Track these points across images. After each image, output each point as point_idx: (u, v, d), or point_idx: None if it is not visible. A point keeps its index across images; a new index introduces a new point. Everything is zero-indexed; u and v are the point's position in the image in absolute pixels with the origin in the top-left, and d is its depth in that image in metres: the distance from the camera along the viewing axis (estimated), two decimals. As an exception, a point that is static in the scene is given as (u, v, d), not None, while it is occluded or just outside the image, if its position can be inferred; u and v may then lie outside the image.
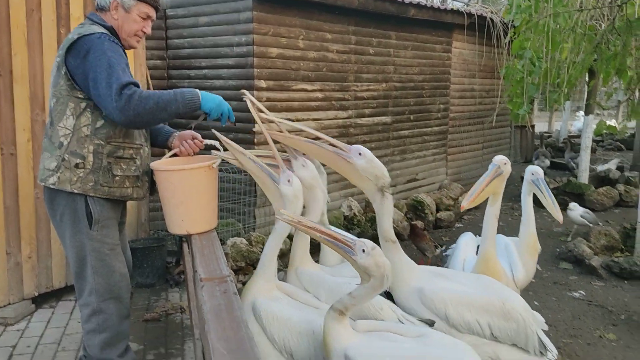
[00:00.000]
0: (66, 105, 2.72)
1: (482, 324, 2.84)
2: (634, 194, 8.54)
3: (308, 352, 2.50)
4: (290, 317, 2.57)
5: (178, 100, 2.70)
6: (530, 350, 2.92)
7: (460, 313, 2.81)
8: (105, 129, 2.76)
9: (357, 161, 2.74)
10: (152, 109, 2.61)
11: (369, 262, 2.24)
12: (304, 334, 2.52)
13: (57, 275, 4.39)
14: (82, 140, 2.73)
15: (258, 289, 2.70)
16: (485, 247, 3.40)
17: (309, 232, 2.42)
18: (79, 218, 2.79)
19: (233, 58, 5.79)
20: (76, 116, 2.72)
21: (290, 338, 2.53)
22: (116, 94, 2.54)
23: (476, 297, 2.88)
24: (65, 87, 2.71)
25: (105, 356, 2.95)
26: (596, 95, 7.62)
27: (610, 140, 16.42)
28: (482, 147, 9.98)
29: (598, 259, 5.76)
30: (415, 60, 7.92)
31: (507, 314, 2.86)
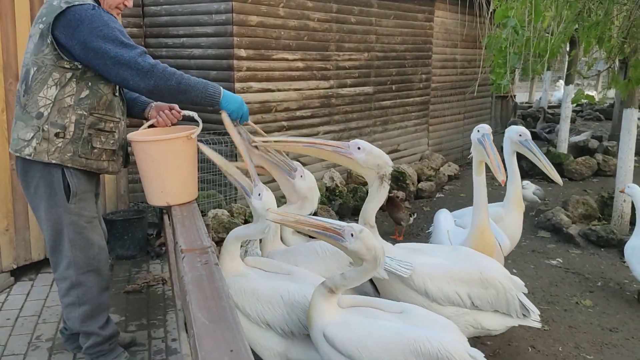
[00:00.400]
0: (49, 74, 2.65)
1: (462, 295, 2.89)
2: (612, 164, 8.66)
3: (282, 318, 2.56)
4: (257, 288, 2.61)
5: (200, 89, 2.69)
6: (513, 315, 2.99)
7: (439, 287, 2.86)
8: (89, 99, 2.71)
9: (357, 155, 2.85)
10: (172, 86, 2.61)
11: (359, 246, 2.28)
12: (273, 301, 2.57)
13: (35, 248, 4.33)
14: (64, 110, 2.67)
15: (225, 270, 2.73)
16: (480, 218, 3.42)
17: (297, 227, 2.47)
18: (55, 191, 2.74)
19: (212, 26, 5.67)
20: (60, 86, 2.66)
21: (261, 308, 2.57)
22: (136, 61, 2.55)
23: (454, 270, 2.92)
24: (51, 56, 2.63)
25: (86, 328, 2.95)
26: (577, 65, 7.64)
27: (589, 110, 16.58)
28: (464, 117, 10.00)
29: (576, 227, 5.85)
30: (397, 29, 7.84)
31: (485, 282, 2.91)
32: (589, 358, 3.51)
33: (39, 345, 3.39)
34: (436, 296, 2.85)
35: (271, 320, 2.57)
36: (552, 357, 3.49)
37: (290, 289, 2.60)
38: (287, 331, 2.57)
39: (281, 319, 2.56)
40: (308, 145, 2.99)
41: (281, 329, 2.57)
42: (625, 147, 5.76)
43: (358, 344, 2.28)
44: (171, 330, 3.61)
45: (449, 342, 2.31)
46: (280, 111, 6.17)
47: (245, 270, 2.78)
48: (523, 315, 3.03)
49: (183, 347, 2.62)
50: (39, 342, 3.43)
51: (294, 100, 6.33)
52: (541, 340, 3.69)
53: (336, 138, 7.05)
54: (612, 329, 3.89)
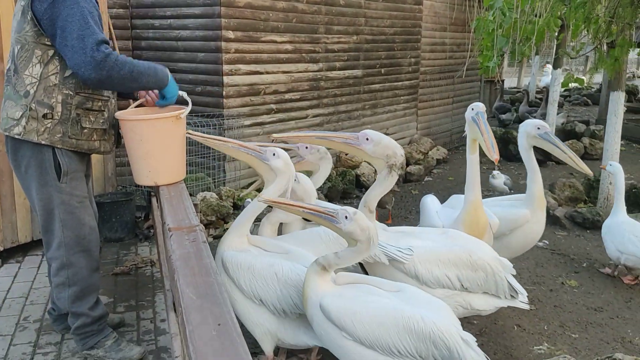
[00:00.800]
0: (32, 52, 2.62)
1: (451, 278, 2.92)
2: (598, 147, 8.73)
3: (275, 294, 2.59)
4: (253, 264, 2.64)
5: (150, 75, 2.69)
6: (501, 296, 3.03)
7: (429, 270, 2.89)
8: (74, 78, 2.68)
9: (366, 146, 2.91)
10: (125, 75, 2.57)
11: (354, 228, 2.31)
12: (268, 278, 2.60)
13: (22, 230, 4.31)
14: (50, 89, 2.65)
15: (228, 243, 2.78)
16: (473, 195, 3.45)
17: (291, 210, 2.50)
18: (46, 170, 2.73)
19: (199, 7, 5.61)
20: (43, 64, 2.63)
21: (256, 284, 2.60)
22: (91, 50, 2.48)
23: (443, 252, 2.95)
24: (32, 33, 2.60)
25: (76, 309, 2.95)
26: (565, 48, 7.66)
27: (577, 95, 16.66)
28: (452, 101, 10.01)
29: (562, 209, 5.91)
30: (386, 12, 7.81)
31: (474, 264, 2.95)
32: (574, 337, 3.57)
33: (26, 326, 3.39)
34: (426, 279, 2.89)
35: (264, 297, 2.60)
36: (537, 336, 3.54)
37: (284, 267, 2.63)
38: (279, 309, 2.59)
39: (274, 296, 2.58)
40: (319, 138, 3.09)
41: (273, 306, 2.59)
42: (612, 130, 5.80)
43: (354, 317, 2.30)
44: (160, 311, 3.62)
45: (443, 323, 2.34)
46: (269, 94, 6.14)
47: (246, 247, 2.80)
48: (511, 296, 3.07)
49: (172, 326, 2.63)
50: (27, 323, 3.43)
51: (283, 83, 6.30)
52: (527, 319, 3.74)
53: (325, 121, 7.05)
54: (597, 309, 3.95)
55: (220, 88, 5.63)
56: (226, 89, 5.64)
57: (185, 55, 5.80)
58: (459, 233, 3.23)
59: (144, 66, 2.67)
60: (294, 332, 2.67)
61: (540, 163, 9.17)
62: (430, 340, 2.29)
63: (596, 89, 15.29)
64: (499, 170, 7.24)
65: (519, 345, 3.42)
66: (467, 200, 3.47)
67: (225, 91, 5.63)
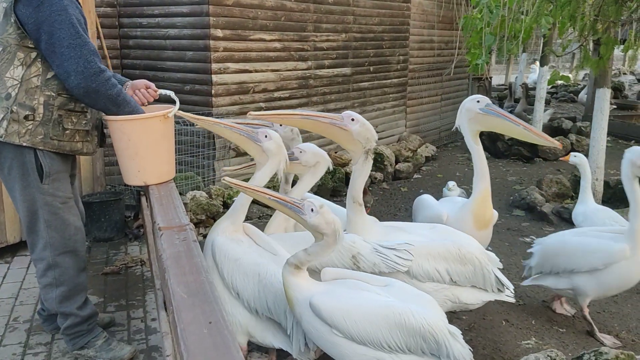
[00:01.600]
0: (14, 54, 2.61)
1: (441, 271, 2.95)
2: (585, 144, 8.80)
3: (253, 293, 2.60)
4: (240, 257, 2.65)
5: (132, 111, 2.73)
6: (489, 289, 3.06)
7: (420, 264, 2.91)
8: (56, 79, 2.67)
9: (352, 127, 2.87)
10: (110, 96, 2.63)
11: (319, 221, 2.30)
12: (250, 276, 2.61)
13: (10, 231, 4.28)
14: (31, 91, 2.64)
15: (222, 228, 2.78)
16: (483, 185, 3.46)
17: (255, 195, 2.49)
18: (28, 171, 2.72)
19: (187, 5, 5.59)
20: (26, 66, 2.62)
21: (237, 277, 2.62)
22: (85, 60, 2.53)
23: (433, 246, 2.97)
24: (15, 35, 2.59)
25: (64, 309, 2.94)
26: (551, 46, 7.73)
27: (564, 92, 16.79)
28: (441, 99, 10.06)
29: (549, 205, 5.97)
30: (374, 10, 7.83)
31: (463, 258, 2.98)
32: (562, 331, 3.61)
33: (16, 327, 3.37)
34: (416, 273, 2.91)
35: (242, 292, 2.62)
36: (525, 331, 3.58)
37: (269, 270, 2.63)
38: (252, 307, 2.62)
39: (251, 294, 2.61)
40: (303, 118, 2.98)
41: (247, 303, 2.62)
42: (598, 126, 5.87)
43: (344, 314, 2.30)
44: (150, 310, 3.62)
45: (432, 317, 2.37)
46: (258, 92, 6.14)
47: (239, 237, 2.80)
48: (498, 290, 3.11)
49: (162, 325, 2.62)
50: (17, 323, 3.42)
51: (272, 81, 6.30)
52: (515, 315, 3.78)
53: (314, 119, 7.04)
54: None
55: (209, 87, 5.62)
56: (215, 88, 5.63)
57: (174, 54, 5.79)
58: (447, 228, 3.26)
59: (131, 99, 2.76)
60: (262, 331, 2.69)
61: (527, 159, 9.30)
62: (420, 335, 2.32)
63: (582, 86, 15.41)
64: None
65: (508, 340, 3.46)
66: (477, 190, 3.47)
67: (214, 90, 5.62)
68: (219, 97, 5.70)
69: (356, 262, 2.84)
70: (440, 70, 9.63)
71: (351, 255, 2.84)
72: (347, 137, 2.91)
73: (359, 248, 2.86)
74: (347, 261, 2.84)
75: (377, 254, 2.86)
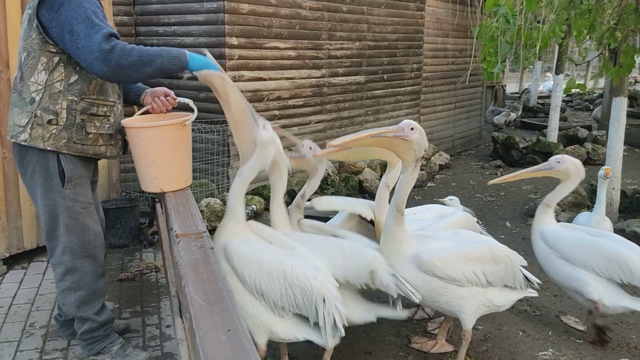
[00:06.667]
0: (38, 59, 2.65)
1: (478, 274, 2.98)
2: (601, 152, 8.74)
3: (279, 292, 2.58)
4: (261, 258, 2.62)
5: (163, 56, 2.61)
6: (517, 287, 3.14)
7: (459, 269, 2.92)
8: (78, 84, 2.70)
9: (413, 136, 2.82)
10: (135, 62, 2.54)
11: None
12: (275, 275, 2.58)
13: (28, 236, 4.32)
14: (55, 96, 2.67)
15: (230, 230, 2.74)
16: None
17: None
18: (51, 176, 2.75)
19: (203, 14, 5.64)
20: (49, 71, 2.66)
21: (261, 279, 2.58)
22: (97, 45, 2.48)
23: (468, 250, 2.99)
24: (37, 40, 2.63)
25: (82, 314, 2.96)
26: (567, 53, 7.69)
27: (579, 100, 16.69)
28: (455, 107, 10.04)
29: (565, 215, 5.92)
30: (389, 18, 7.85)
31: (496, 258, 3.02)
32: (579, 342, 3.57)
33: (33, 332, 3.40)
34: (457, 277, 2.92)
35: (267, 293, 2.59)
36: (542, 342, 3.54)
37: (294, 267, 2.60)
38: (279, 306, 2.60)
39: (277, 293, 2.58)
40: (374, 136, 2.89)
41: (274, 303, 2.60)
42: (615, 135, 5.81)
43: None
44: (165, 317, 3.63)
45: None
46: (272, 100, 6.17)
47: (249, 236, 2.76)
48: (525, 286, 3.20)
49: (178, 332, 2.63)
50: (33, 329, 3.44)
51: (286, 89, 6.32)
52: (532, 325, 3.74)
53: (328, 127, 7.07)
54: (601, 314, 3.94)
55: (224, 94, 5.64)
56: (230, 95, 5.65)
57: (189, 62, 5.82)
58: (469, 232, 3.27)
59: (155, 50, 2.61)
60: (286, 327, 2.67)
61: (542, 168, 9.14)
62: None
63: (598, 95, 15.30)
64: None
65: (524, 350, 3.42)
66: None
67: (229, 97, 5.64)
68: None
69: (372, 278, 2.82)
70: (454, 79, 9.62)
71: (369, 270, 2.82)
72: (407, 146, 2.85)
73: (377, 266, 2.83)
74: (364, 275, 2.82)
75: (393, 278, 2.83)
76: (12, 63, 4.02)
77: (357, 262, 2.83)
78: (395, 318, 3.04)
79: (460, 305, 3.00)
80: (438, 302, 2.99)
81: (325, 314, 2.58)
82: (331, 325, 2.56)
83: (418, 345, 3.40)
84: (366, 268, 2.82)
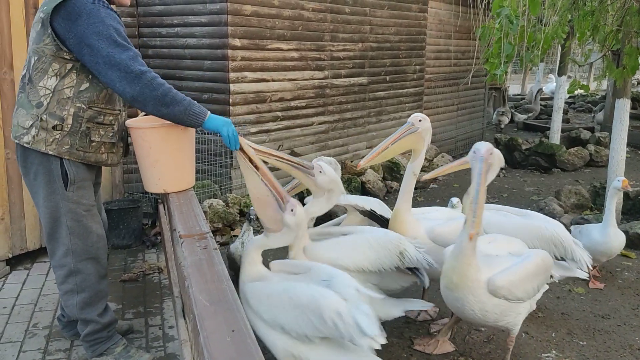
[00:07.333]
0: (49, 65, 2.64)
1: (535, 288, 3.04)
2: (604, 154, 8.73)
3: (295, 320, 2.44)
4: (270, 293, 2.55)
5: (185, 106, 2.61)
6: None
7: (527, 288, 2.96)
8: (88, 92, 2.70)
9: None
10: (157, 97, 2.54)
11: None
12: (285, 304, 2.47)
13: (31, 237, 4.33)
14: (63, 102, 2.67)
15: (247, 274, 2.72)
16: None
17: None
18: (53, 179, 2.75)
19: (206, 15, 5.65)
20: (60, 77, 2.65)
21: (275, 312, 2.49)
22: (125, 65, 2.50)
23: (529, 268, 2.98)
24: (51, 46, 2.62)
25: (85, 316, 2.96)
26: (570, 54, 7.68)
27: (581, 102, 16.66)
28: (457, 108, 10.03)
29: (568, 216, 5.90)
30: (391, 20, 7.85)
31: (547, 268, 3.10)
32: (582, 344, 3.56)
33: (36, 333, 3.40)
34: (524, 297, 2.97)
35: (285, 324, 2.45)
36: (545, 343, 3.54)
37: (297, 291, 2.47)
38: (301, 334, 2.43)
39: (294, 322, 2.43)
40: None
41: (296, 333, 2.44)
42: (618, 137, 5.80)
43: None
44: (168, 317, 3.63)
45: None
46: (275, 101, 6.17)
47: (265, 274, 2.71)
48: None
49: (181, 333, 2.64)
50: (36, 329, 3.45)
51: (289, 90, 6.33)
52: (534, 327, 3.74)
53: (330, 128, 7.07)
54: (604, 316, 3.94)
55: (227, 95, 5.66)
56: (232, 97, 5.67)
57: (192, 63, 5.84)
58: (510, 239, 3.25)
59: (180, 96, 2.61)
60: (319, 354, 2.50)
61: (545, 169, 9.23)
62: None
63: (600, 96, 15.28)
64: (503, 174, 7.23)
65: (527, 352, 3.41)
66: None
67: (231, 98, 5.66)
68: (237, 106, 5.73)
69: (402, 258, 3.03)
70: (457, 80, 9.61)
71: (398, 252, 3.02)
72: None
73: (405, 245, 3.06)
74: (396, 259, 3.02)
75: (420, 253, 3.09)
76: (16, 64, 4.03)
77: (386, 248, 3.01)
78: (421, 309, 3.23)
79: (516, 320, 3.02)
80: (498, 322, 2.96)
81: (343, 325, 2.36)
82: (358, 333, 2.33)
83: (421, 347, 3.39)
84: (395, 251, 3.02)
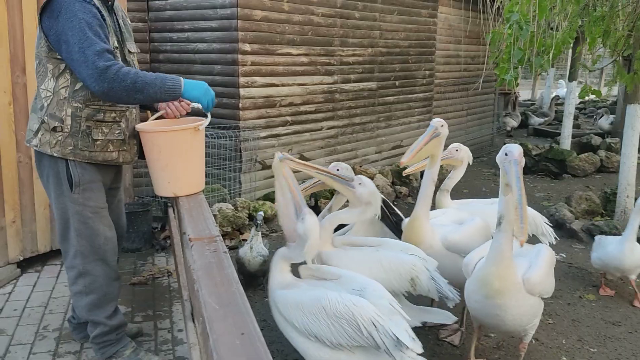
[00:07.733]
0: (46, 66, 2.68)
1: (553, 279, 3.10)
2: (614, 160, 8.67)
3: (328, 329, 2.44)
4: (301, 301, 2.54)
5: (157, 85, 2.59)
6: None
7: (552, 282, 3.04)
8: (83, 91, 2.70)
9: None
10: (127, 87, 2.52)
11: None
12: (317, 313, 2.46)
13: (41, 240, 4.36)
14: (60, 102, 2.69)
15: (277, 282, 2.73)
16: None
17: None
18: (61, 180, 2.78)
19: (217, 20, 5.68)
20: (55, 77, 2.68)
21: (307, 321, 2.48)
22: (92, 62, 2.46)
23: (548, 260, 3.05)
24: (45, 48, 2.66)
25: (93, 317, 2.98)
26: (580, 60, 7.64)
27: (592, 107, 16.56)
28: (467, 114, 10.00)
29: (579, 222, 5.87)
30: (401, 25, 7.85)
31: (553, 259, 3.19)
32: (592, 351, 3.53)
33: (46, 335, 3.42)
34: (551, 290, 3.00)
35: (317, 332, 2.45)
36: (555, 350, 3.51)
37: (331, 299, 2.46)
38: (335, 343, 2.43)
39: (327, 331, 2.43)
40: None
41: (330, 341, 2.44)
42: (629, 143, 5.76)
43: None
44: (177, 321, 3.64)
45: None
46: (285, 106, 6.19)
47: (294, 282, 2.71)
48: None
49: (190, 336, 2.64)
50: (46, 332, 3.46)
51: (298, 95, 6.34)
52: (545, 333, 3.71)
53: (340, 133, 7.08)
54: (615, 323, 3.90)
55: (237, 100, 5.69)
56: (242, 101, 5.69)
57: (202, 68, 5.88)
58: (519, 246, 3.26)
59: (151, 77, 2.58)
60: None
61: (555, 175, 9.17)
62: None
63: (611, 102, 15.17)
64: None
65: (538, 359, 3.39)
66: None
67: (241, 103, 5.69)
68: (246, 111, 5.75)
69: (413, 285, 2.91)
70: (466, 85, 9.59)
71: (410, 278, 2.89)
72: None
73: (418, 272, 2.91)
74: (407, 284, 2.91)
75: (434, 283, 2.92)
76: (28, 69, 4.07)
77: (397, 272, 2.88)
78: (442, 322, 3.03)
79: (537, 322, 3.01)
80: (528, 325, 2.93)
81: (381, 337, 2.36)
82: (394, 345, 2.33)
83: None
84: (407, 276, 2.87)
